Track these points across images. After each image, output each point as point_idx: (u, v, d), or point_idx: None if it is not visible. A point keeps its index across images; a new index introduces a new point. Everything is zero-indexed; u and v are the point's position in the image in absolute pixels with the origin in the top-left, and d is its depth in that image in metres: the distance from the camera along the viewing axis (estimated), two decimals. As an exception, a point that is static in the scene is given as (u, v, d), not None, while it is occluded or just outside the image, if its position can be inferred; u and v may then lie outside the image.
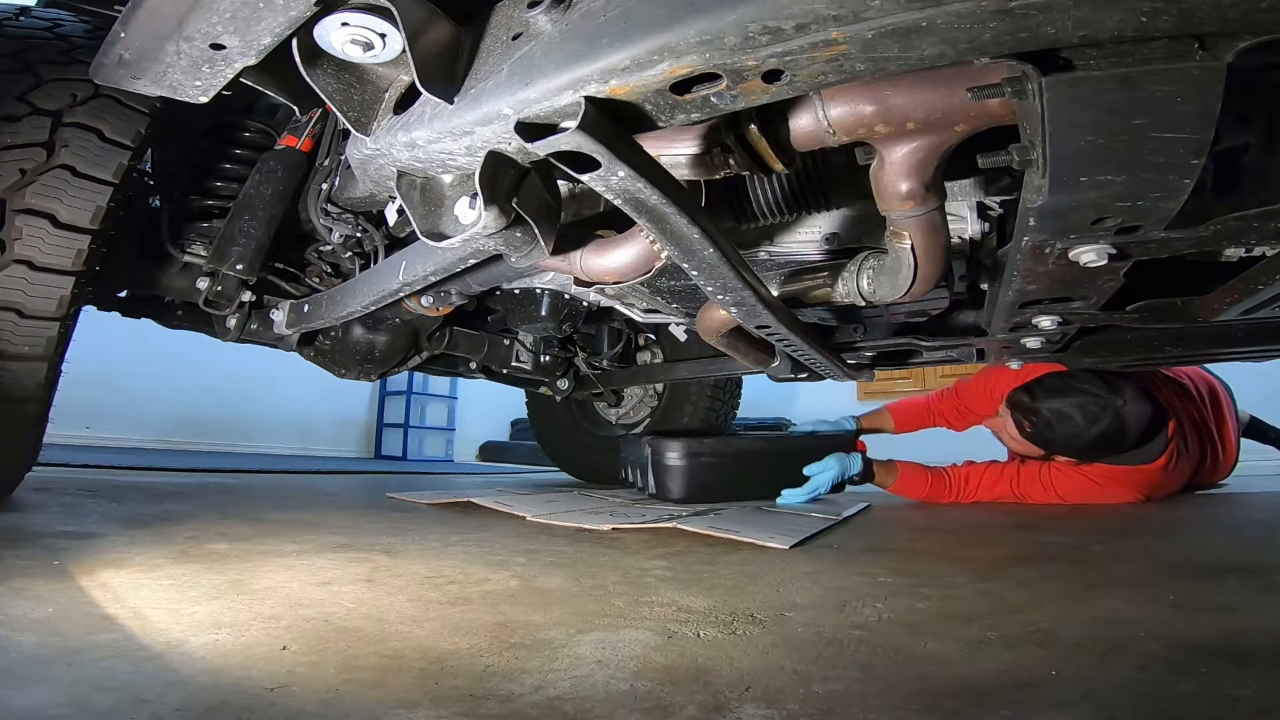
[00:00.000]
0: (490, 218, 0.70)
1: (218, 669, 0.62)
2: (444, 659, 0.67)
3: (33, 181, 1.15)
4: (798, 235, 1.13)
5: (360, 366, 2.02)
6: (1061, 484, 2.04)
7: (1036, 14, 0.47)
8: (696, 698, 0.58)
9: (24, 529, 1.18)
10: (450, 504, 1.96)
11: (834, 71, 0.55)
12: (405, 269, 1.24)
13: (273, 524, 1.45)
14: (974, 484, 2.12)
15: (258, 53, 0.70)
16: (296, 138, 1.57)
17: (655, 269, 0.91)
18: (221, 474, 2.90)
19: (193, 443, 5.00)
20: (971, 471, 2.15)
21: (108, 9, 1.41)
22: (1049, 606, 0.89)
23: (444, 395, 7.33)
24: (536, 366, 2.43)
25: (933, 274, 0.92)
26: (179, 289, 1.69)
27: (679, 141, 0.74)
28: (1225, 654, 0.68)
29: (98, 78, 0.81)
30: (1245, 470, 2.52)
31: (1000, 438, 2.19)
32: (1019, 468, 2.10)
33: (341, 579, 0.98)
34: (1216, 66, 0.52)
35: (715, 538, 1.42)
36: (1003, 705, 0.57)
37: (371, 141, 0.76)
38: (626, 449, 2.40)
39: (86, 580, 0.88)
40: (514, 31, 0.66)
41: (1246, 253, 0.94)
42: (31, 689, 0.55)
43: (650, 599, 0.92)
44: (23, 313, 1.16)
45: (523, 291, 1.83)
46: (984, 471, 2.14)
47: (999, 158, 0.70)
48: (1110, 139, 0.60)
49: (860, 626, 0.80)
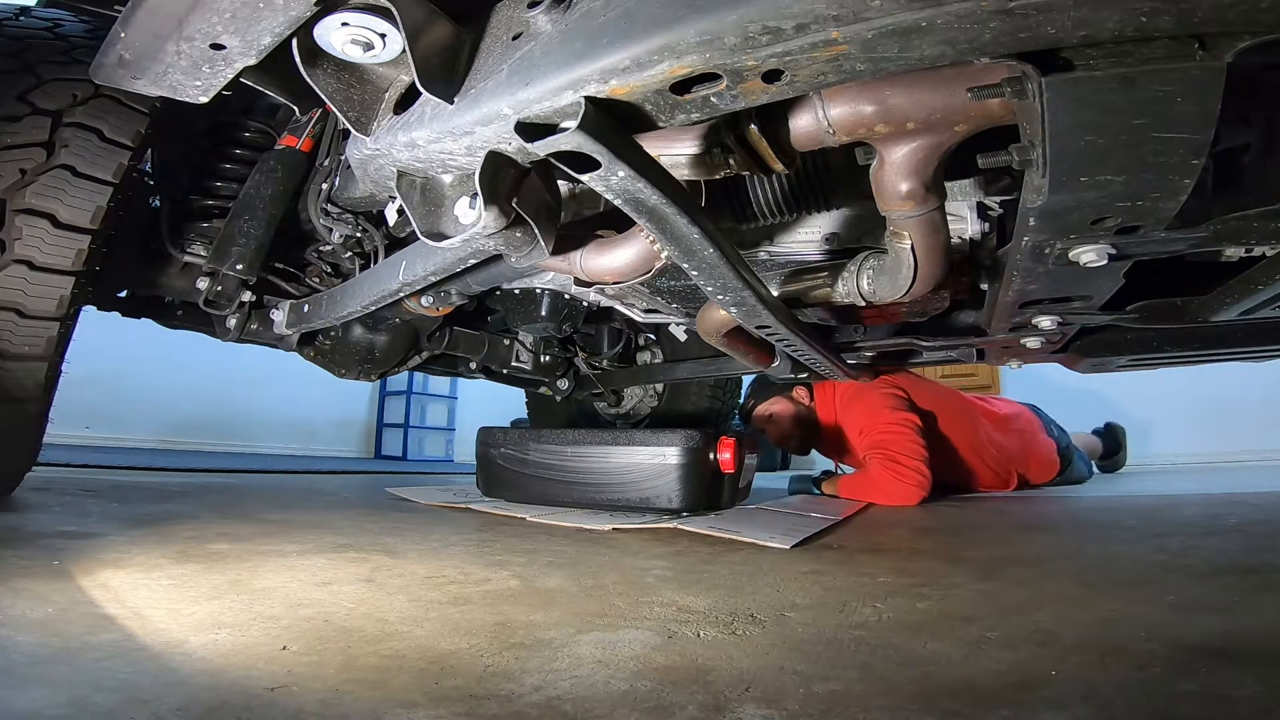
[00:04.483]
0: (490, 218, 0.70)
1: (218, 669, 0.61)
2: (444, 659, 0.67)
3: (33, 181, 1.15)
4: (798, 235, 1.13)
5: (360, 366, 2.02)
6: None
7: (1036, 14, 0.47)
8: (696, 698, 0.58)
9: (24, 529, 1.18)
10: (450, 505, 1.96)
11: (834, 71, 0.55)
12: (405, 269, 1.24)
13: (273, 524, 1.45)
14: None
15: (258, 53, 0.70)
16: (296, 138, 1.57)
17: (655, 269, 0.91)
18: (221, 474, 2.90)
19: (193, 443, 5.00)
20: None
21: (108, 9, 1.41)
22: (1049, 606, 0.89)
23: (444, 395, 7.33)
24: (536, 366, 2.44)
25: (933, 274, 0.92)
26: (179, 289, 1.69)
27: (679, 141, 0.75)
28: (1225, 654, 0.68)
29: (98, 78, 0.81)
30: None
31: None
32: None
33: (341, 579, 0.98)
34: (1216, 66, 0.52)
35: (715, 538, 1.42)
36: (1003, 705, 0.57)
37: (371, 141, 0.76)
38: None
39: (86, 580, 0.88)
40: (514, 31, 0.66)
41: (1246, 253, 0.94)
42: (31, 689, 0.55)
43: (650, 599, 0.92)
44: (23, 313, 1.16)
45: (523, 291, 1.83)
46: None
47: (999, 158, 0.70)
48: (1110, 139, 0.60)
49: (860, 626, 0.80)
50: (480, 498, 2.00)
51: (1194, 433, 4.38)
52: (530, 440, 1.88)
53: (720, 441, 1.72)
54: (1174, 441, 4.39)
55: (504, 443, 1.92)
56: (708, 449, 1.70)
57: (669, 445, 1.69)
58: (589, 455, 1.77)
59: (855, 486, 2.30)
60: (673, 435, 1.70)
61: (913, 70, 0.56)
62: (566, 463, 1.80)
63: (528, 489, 1.86)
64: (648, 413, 3.03)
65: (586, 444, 1.79)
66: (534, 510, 1.76)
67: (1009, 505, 2.21)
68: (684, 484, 1.67)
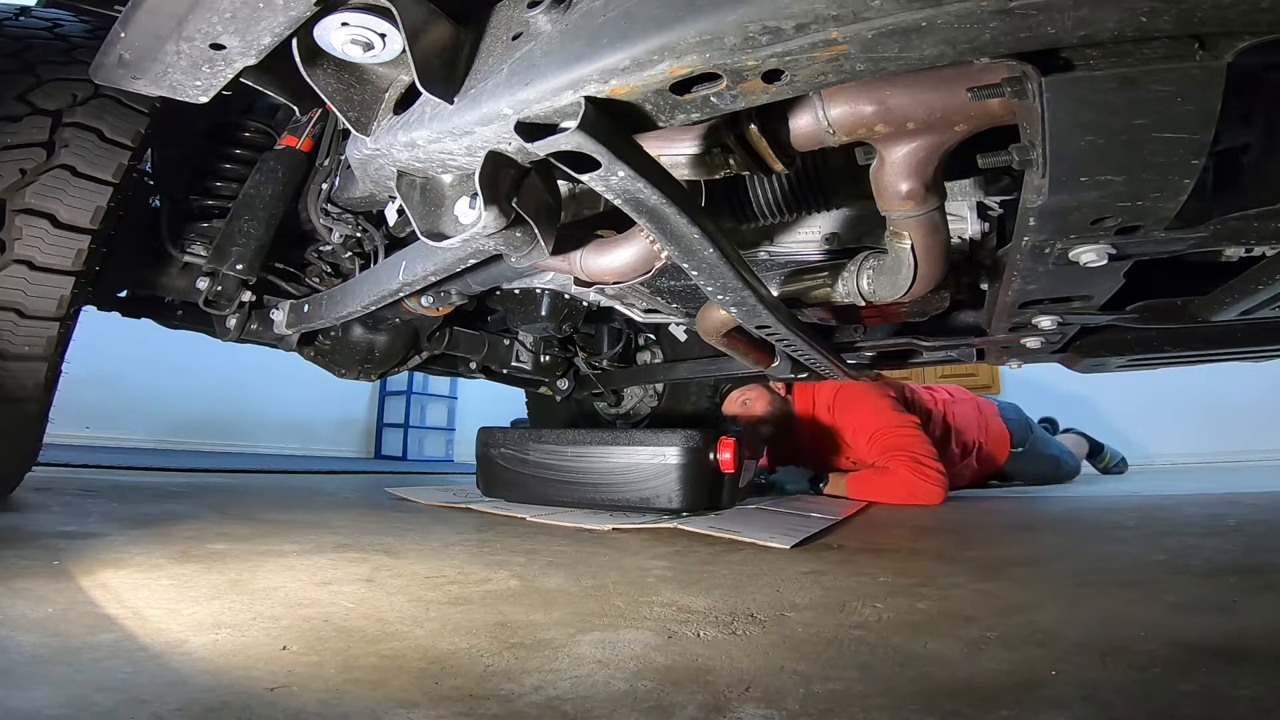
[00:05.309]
0: (490, 218, 0.70)
1: (218, 669, 0.61)
2: (444, 659, 0.67)
3: (33, 181, 1.15)
4: (798, 235, 1.13)
5: (360, 367, 2.02)
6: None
7: (1036, 14, 0.47)
8: (696, 698, 0.58)
9: (24, 529, 1.18)
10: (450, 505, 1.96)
11: (834, 71, 0.55)
12: (405, 269, 1.24)
13: (273, 524, 1.45)
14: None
15: (258, 53, 0.70)
16: (296, 138, 1.57)
17: (655, 269, 0.91)
18: (221, 474, 2.90)
19: (193, 443, 5.01)
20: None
21: (108, 9, 1.41)
22: (1049, 606, 0.89)
23: (444, 395, 7.33)
24: (536, 366, 2.43)
25: (933, 274, 0.92)
26: (179, 289, 1.69)
27: (679, 141, 0.75)
28: (1225, 654, 0.68)
29: (98, 78, 0.81)
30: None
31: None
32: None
33: (341, 579, 0.98)
34: (1216, 66, 0.52)
35: (716, 537, 1.42)
36: (1003, 705, 0.57)
37: (371, 141, 0.76)
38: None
39: (86, 580, 0.88)
40: (514, 31, 0.66)
41: (1246, 253, 0.94)
42: (31, 689, 0.55)
43: (650, 599, 0.92)
44: (23, 313, 1.16)
45: (523, 291, 1.83)
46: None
47: (999, 158, 0.70)
48: (1110, 139, 0.60)
49: (860, 626, 0.80)
50: (480, 498, 2.00)
51: (1194, 433, 4.38)
52: (530, 440, 1.88)
53: (720, 441, 1.72)
54: (1174, 441, 4.39)
55: (504, 443, 1.92)
56: (707, 449, 1.70)
57: (669, 445, 1.68)
58: (589, 455, 1.77)
59: (873, 486, 2.26)
60: (672, 435, 1.70)
61: (913, 70, 0.56)
62: (566, 463, 1.80)
63: (527, 489, 1.86)
64: (648, 413, 3.03)
65: (586, 444, 1.78)
66: (534, 510, 1.76)
67: (1009, 505, 2.21)
68: (684, 484, 1.67)
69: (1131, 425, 4.03)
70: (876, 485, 2.27)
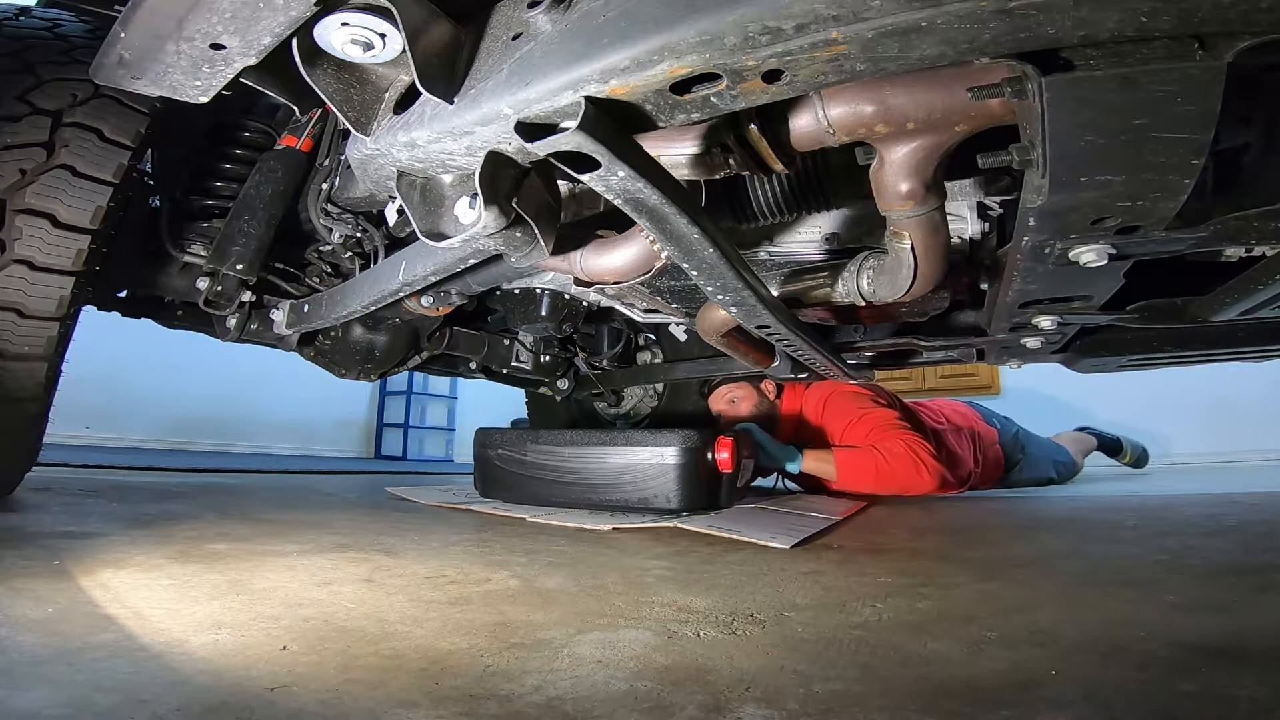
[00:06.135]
0: (490, 218, 0.70)
1: (218, 669, 0.61)
2: (444, 659, 0.67)
3: (33, 181, 1.15)
4: (798, 235, 1.13)
5: (360, 367, 2.02)
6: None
7: (1036, 14, 0.47)
8: (696, 698, 0.58)
9: (24, 529, 1.18)
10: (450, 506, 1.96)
11: (834, 71, 0.55)
12: (405, 269, 1.24)
13: (273, 524, 1.45)
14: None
15: (258, 53, 0.70)
16: (296, 138, 1.57)
17: (655, 269, 0.91)
18: (221, 474, 2.90)
19: (192, 443, 5.01)
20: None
21: (108, 9, 1.41)
22: (1049, 606, 0.89)
23: (444, 395, 7.33)
24: (536, 366, 2.43)
25: (933, 274, 0.92)
26: (179, 289, 1.69)
27: (679, 141, 0.75)
28: (1225, 654, 0.68)
29: (98, 78, 0.81)
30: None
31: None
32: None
33: (341, 579, 0.98)
34: (1216, 66, 0.52)
35: (716, 537, 1.42)
36: (1003, 705, 0.57)
37: (371, 141, 0.76)
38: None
39: (87, 580, 0.88)
40: (514, 31, 0.66)
41: (1246, 253, 0.94)
42: (31, 689, 0.55)
43: (650, 599, 0.92)
44: (23, 313, 1.16)
45: (523, 291, 1.83)
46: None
47: (999, 158, 0.69)
48: (1110, 139, 0.60)
49: (860, 626, 0.80)
50: (479, 499, 2.00)
51: (1195, 433, 4.38)
52: (528, 441, 1.88)
53: (718, 441, 1.71)
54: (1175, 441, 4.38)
55: (501, 444, 1.92)
56: (706, 449, 1.70)
57: (667, 445, 1.68)
58: (587, 456, 1.76)
59: (859, 464, 2.14)
60: (671, 435, 1.70)
61: (913, 70, 0.56)
62: (564, 464, 1.80)
63: (526, 490, 1.86)
64: (648, 413, 3.03)
65: (584, 444, 1.78)
66: (534, 511, 1.76)
67: (1009, 505, 2.21)
68: (683, 484, 1.66)
69: (1132, 425, 4.03)
70: (862, 462, 2.13)
